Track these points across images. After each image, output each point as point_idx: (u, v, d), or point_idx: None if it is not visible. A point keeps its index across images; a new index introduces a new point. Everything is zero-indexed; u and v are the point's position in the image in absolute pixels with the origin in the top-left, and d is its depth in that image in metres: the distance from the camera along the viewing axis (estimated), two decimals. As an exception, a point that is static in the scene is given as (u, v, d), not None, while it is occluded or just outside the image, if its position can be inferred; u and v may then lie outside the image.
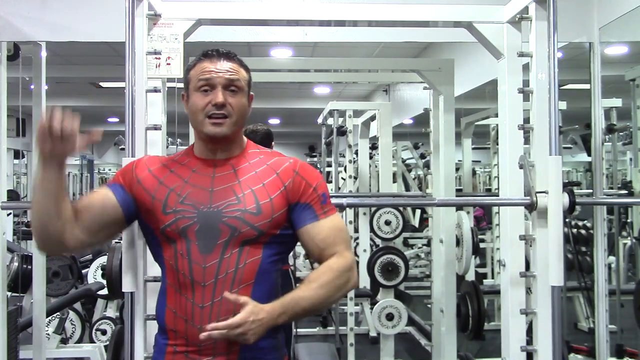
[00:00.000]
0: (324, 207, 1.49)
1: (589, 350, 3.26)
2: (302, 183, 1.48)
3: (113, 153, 15.33)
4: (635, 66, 3.51)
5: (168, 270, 1.46)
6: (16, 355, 2.89)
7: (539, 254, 2.06)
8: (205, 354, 1.41)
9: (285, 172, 1.49)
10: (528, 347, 2.12)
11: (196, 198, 1.45)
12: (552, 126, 2.00)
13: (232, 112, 1.46)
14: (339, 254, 1.46)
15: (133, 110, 1.98)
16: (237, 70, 1.49)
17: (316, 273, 1.44)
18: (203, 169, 1.50)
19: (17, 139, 4.00)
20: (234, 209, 1.43)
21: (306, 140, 10.28)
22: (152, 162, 1.55)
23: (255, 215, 1.43)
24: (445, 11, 2.26)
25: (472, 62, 4.26)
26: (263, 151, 1.56)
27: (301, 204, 1.47)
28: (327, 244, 1.46)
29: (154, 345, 1.53)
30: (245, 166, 1.50)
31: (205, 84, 1.46)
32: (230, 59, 1.50)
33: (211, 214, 1.43)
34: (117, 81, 6.32)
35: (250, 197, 1.44)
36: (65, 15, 2.68)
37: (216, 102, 1.44)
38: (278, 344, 1.50)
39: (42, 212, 1.41)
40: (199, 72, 1.48)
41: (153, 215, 1.46)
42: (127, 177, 1.51)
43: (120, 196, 1.48)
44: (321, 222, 1.47)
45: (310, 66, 4.12)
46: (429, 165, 3.84)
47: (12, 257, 3.71)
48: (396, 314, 4.02)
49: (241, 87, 1.49)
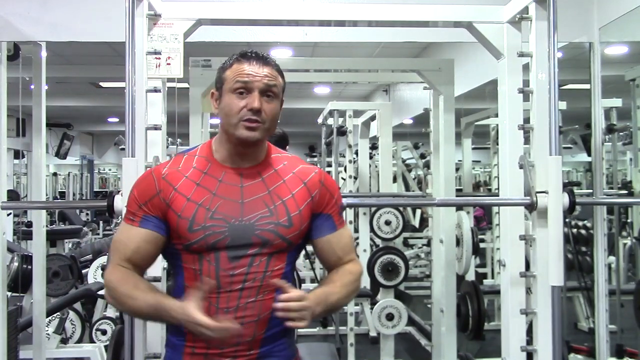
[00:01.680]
0: (340, 219, 1.57)
1: (589, 350, 3.26)
2: (327, 195, 1.53)
3: (113, 153, 15.33)
4: (635, 66, 3.51)
5: (188, 273, 1.44)
6: (16, 355, 2.89)
7: (539, 254, 2.06)
8: (227, 355, 1.41)
9: (312, 183, 1.51)
10: (528, 347, 2.12)
11: (227, 211, 1.42)
12: (552, 126, 2.00)
13: (266, 119, 1.43)
14: (354, 261, 1.57)
15: (133, 110, 1.97)
16: (274, 76, 1.46)
17: (337, 275, 1.52)
18: (230, 178, 1.46)
19: (17, 139, 4.00)
20: (267, 221, 1.43)
21: (306, 140, 10.30)
22: (173, 177, 1.46)
23: (287, 228, 1.45)
24: (445, 11, 2.26)
25: (472, 62, 4.25)
26: (285, 156, 1.56)
27: (324, 215, 1.52)
28: (344, 252, 1.55)
29: (167, 344, 1.51)
30: (272, 174, 1.49)
31: (242, 86, 1.42)
32: (268, 64, 1.47)
33: (243, 227, 1.42)
34: (117, 81, 6.33)
35: (281, 209, 1.45)
36: (65, 15, 2.68)
37: (252, 107, 1.41)
38: (291, 341, 1.53)
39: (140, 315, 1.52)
40: (236, 73, 1.44)
41: (176, 233, 1.43)
42: (155, 205, 1.44)
43: (157, 226, 1.44)
44: (339, 231, 1.55)
45: (310, 66, 4.10)
46: (429, 165, 3.84)
47: (12, 257, 3.71)
48: (396, 314, 4.02)
49: (277, 93, 1.47)
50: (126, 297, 1.40)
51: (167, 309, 1.35)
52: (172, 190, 1.44)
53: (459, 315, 3.63)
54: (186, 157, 1.50)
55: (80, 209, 9.48)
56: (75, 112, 10.10)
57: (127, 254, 1.44)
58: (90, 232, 8.52)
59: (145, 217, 1.44)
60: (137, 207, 1.45)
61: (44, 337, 3.09)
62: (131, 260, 1.44)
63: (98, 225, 9.88)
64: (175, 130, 2.98)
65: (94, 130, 14.04)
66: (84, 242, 7.17)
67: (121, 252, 1.45)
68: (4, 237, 2.69)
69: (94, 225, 9.50)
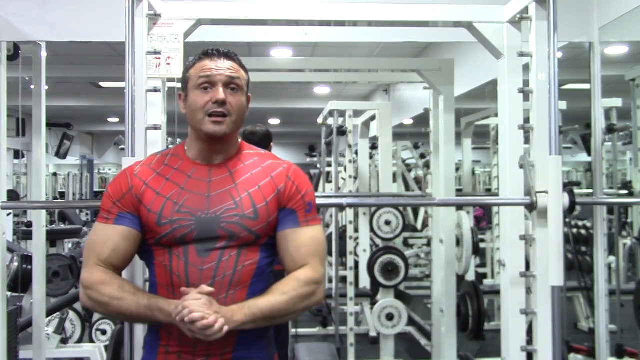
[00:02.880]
0: (308, 216, 1.49)
1: (589, 350, 3.26)
2: (293, 188, 1.49)
3: (113, 153, 15.32)
4: (635, 66, 3.51)
5: (159, 270, 1.45)
6: (16, 355, 2.89)
7: (539, 254, 2.06)
8: (199, 354, 1.41)
9: (279, 176, 1.49)
10: (528, 347, 2.12)
11: (193, 205, 1.43)
12: (552, 126, 2.00)
13: (232, 111, 1.45)
14: (309, 266, 1.45)
15: (133, 110, 1.97)
16: (237, 69, 1.49)
17: (280, 283, 1.44)
18: (199, 173, 1.48)
19: (17, 139, 4.00)
20: (232, 214, 1.43)
21: (306, 140, 10.29)
22: (144, 173, 1.49)
23: (253, 220, 1.43)
24: (445, 11, 2.25)
25: (472, 62, 4.25)
26: (257, 152, 1.56)
27: (287, 209, 1.48)
28: (300, 254, 1.46)
29: (143, 345, 1.53)
30: (241, 168, 1.50)
31: (206, 81, 1.45)
32: (230, 59, 1.49)
33: (209, 219, 1.42)
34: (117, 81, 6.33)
35: (247, 201, 1.44)
36: (65, 15, 2.68)
37: (217, 99, 1.43)
38: (268, 343, 1.51)
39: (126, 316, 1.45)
40: (199, 70, 1.47)
41: (147, 227, 1.45)
42: (128, 201, 1.46)
43: (133, 222, 1.45)
44: (302, 229, 1.48)
45: (310, 66, 4.10)
46: (429, 165, 3.84)
47: (12, 257, 3.71)
48: (396, 314, 4.02)
49: (241, 86, 1.48)
50: (111, 299, 1.39)
51: (160, 308, 1.36)
52: (142, 185, 1.47)
53: (459, 315, 3.63)
54: (159, 155, 1.55)
55: (80, 209, 9.47)
56: (75, 112, 10.09)
57: (104, 254, 1.43)
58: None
59: (120, 214, 1.46)
60: (111, 205, 1.47)
61: (44, 337, 3.09)
62: (108, 260, 1.43)
63: (98, 225, 9.85)
64: (175, 130, 2.98)
65: (94, 130, 14.03)
66: (84, 242, 7.17)
67: (98, 252, 1.44)
68: (4, 237, 2.69)
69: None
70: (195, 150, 1.50)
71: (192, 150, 1.51)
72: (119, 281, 1.42)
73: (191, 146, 1.51)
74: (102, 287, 1.40)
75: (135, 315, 1.40)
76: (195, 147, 1.50)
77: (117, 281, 1.42)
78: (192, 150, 1.51)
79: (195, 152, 1.50)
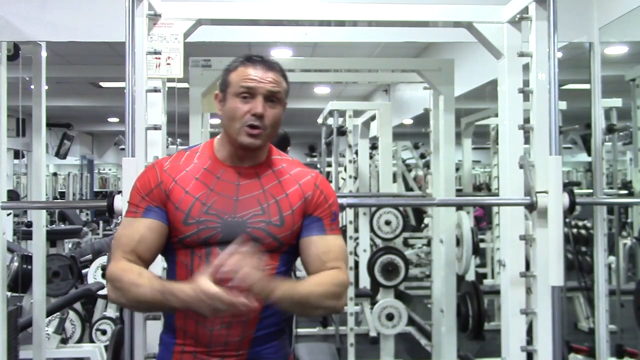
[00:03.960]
0: (332, 225, 1.51)
1: (589, 350, 3.26)
2: (321, 197, 1.51)
3: (113, 153, 15.33)
4: (635, 66, 3.51)
5: (180, 269, 1.45)
6: (16, 355, 2.89)
7: (539, 254, 2.06)
8: (214, 354, 1.42)
9: (307, 184, 1.51)
10: (528, 347, 2.12)
11: (221, 207, 1.43)
12: (552, 126, 2.00)
13: (267, 125, 1.45)
14: (340, 269, 1.47)
15: (133, 110, 1.97)
16: (279, 82, 1.48)
17: (315, 276, 1.44)
18: (228, 175, 1.48)
19: (17, 139, 4.00)
20: (259, 219, 1.44)
21: (306, 140, 10.28)
22: (174, 170, 1.48)
23: (279, 227, 1.44)
24: (445, 11, 2.26)
25: (472, 62, 4.25)
26: (285, 158, 1.57)
27: (313, 217, 1.49)
28: (329, 258, 1.47)
29: (160, 343, 1.53)
30: (269, 174, 1.50)
31: (247, 91, 1.44)
32: (273, 69, 1.48)
33: (235, 223, 1.43)
34: (117, 81, 6.34)
35: (274, 208, 1.45)
36: (65, 15, 2.68)
37: (255, 113, 1.42)
38: (284, 343, 1.52)
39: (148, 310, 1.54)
40: (240, 77, 1.45)
41: (172, 224, 1.44)
42: (156, 195, 1.45)
43: (160, 216, 1.44)
44: (328, 236, 1.49)
45: (310, 66, 4.10)
46: (429, 165, 3.84)
47: (12, 257, 3.71)
48: (396, 314, 4.03)
49: (281, 99, 1.48)
50: (130, 285, 1.36)
51: (174, 292, 1.31)
52: (172, 182, 1.46)
53: (459, 315, 3.63)
54: (188, 153, 1.53)
55: (80, 209, 9.47)
56: (75, 112, 10.09)
57: (131, 245, 1.43)
58: (90, 232, 8.52)
59: (148, 207, 1.45)
60: (139, 199, 1.46)
61: (44, 337, 3.09)
62: (136, 251, 1.43)
63: (98, 225, 9.87)
64: (175, 130, 2.98)
65: (94, 130, 14.03)
66: (84, 242, 7.17)
67: (125, 244, 1.43)
68: (4, 237, 2.69)
69: (94, 225, 9.50)
70: (225, 152, 1.50)
71: (222, 152, 1.51)
72: (139, 269, 1.41)
73: (221, 148, 1.51)
74: (123, 273, 1.38)
75: (150, 302, 1.36)
76: (225, 150, 1.50)
77: (137, 269, 1.40)
78: (222, 152, 1.50)
79: (225, 154, 1.50)
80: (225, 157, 1.50)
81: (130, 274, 1.39)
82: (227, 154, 1.50)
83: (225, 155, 1.50)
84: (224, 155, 1.50)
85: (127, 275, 1.38)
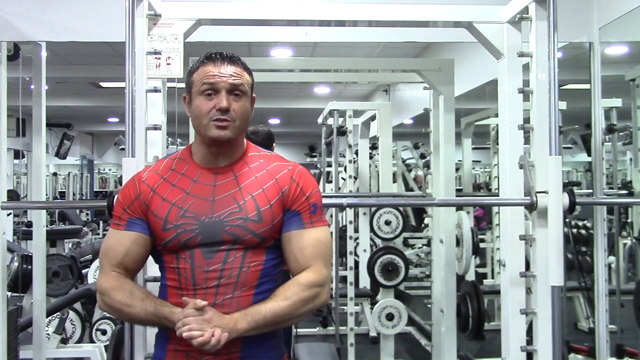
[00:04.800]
0: (312, 217, 1.49)
1: (589, 350, 3.26)
2: (297, 190, 1.49)
3: (113, 153, 15.33)
4: (635, 66, 3.51)
5: (168, 271, 1.48)
6: (16, 355, 2.89)
7: (539, 254, 2.06)
8: (207, 353, 1.42)
9: (283, 178, 1.50)
10: (528, 347, 2.12)
11: (197, 209, 1.44)
12: (552, 126, 2.00)
13: (235, 117, 1.46)
14: (312, 268, 1.45)
15: (133, 110, 1.97)
16: (240, 75, 1.48)
17: (282, 287, 1.45)
18: (204, 177, 1.49)
19: (17, 139, 4.00)
20: (236, 217, 1.44)
21: (306, 140, 10.27)
22: (152, 179, 1.51)
23: (257, 223, 1.44)
24: (445, 11, 2.26)
25: (472, 62, 4.25)
26: (263, 154, 1.56)
27: (292, 211, 1.48)
28: (304, 256, 1.46)
29: (155, 342, 1.54)
30: (246, 171, 1.50)
31: (209, 88, 1.45)
32: (233, 63, 1.48)
33: (213, 223, 1.44)
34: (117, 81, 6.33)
35: (251, 204, 1.45)
36: (65, 15, 2.68)
37: (220, 107, 1.44)
38: (277, 342, 1.52)
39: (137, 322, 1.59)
40: (202, 75, 1.47)
41: (153, 232, 1.48)
42: (136, 207, 1.49)
43: (143, 228, 1.48)
44: (306, 231, 1.48)
45: (310, 66, 4.10)
46: (429, 165, 3.84)
47: (12, 257, 3.71)
48: (396, 314, 4.02)
49: (245, 91, 1.48)
50: (122, 305, 1.43)
51: (167, 316, 1.40)
52: (150, 192, 1.49)
53: (459, 315, 3.63)
54: (167, 160, 1.56)
55: (80, 209, 9.48)
56: (75, 112, 10.09)
57: (117, 259, 1.47)
58: (90, 232, 8.53)
59: (130, 220, 1.49)
60: (122, 211, 1.50)
61: (44, 337, 3.09)
62: (122, 264, 1.47)
63: (98, 225, 9.88)
64: (175, 130, 2.98)
65: (94, 130, 14.03)
66: (84, 242, 7.18)
67: (111, 257, 1.48)
68: (4, 237, 2.69)
69: (94, 225, 9.51)
70: (200, 154, 1.51)
71: (197, 154, 1.52)
72: (130, 287, 1.45)
73: (197, 151, 1.52)
74: (114, 293, 1.43)
75: (144, 321, 1.46)
76: (200, 152, 1.51)
77: (128, 287, 1.45)
78: (198, 154, 1.52)
79: (200, 156, 1.51)
80: (202, 159, 1.51)
81: (120, 293, 1.43)
82: (203, 156, 1.51)
83: (200, 158, 1.51)
84: (200, 158, 1.51)
85: (118, 295, 1.43)
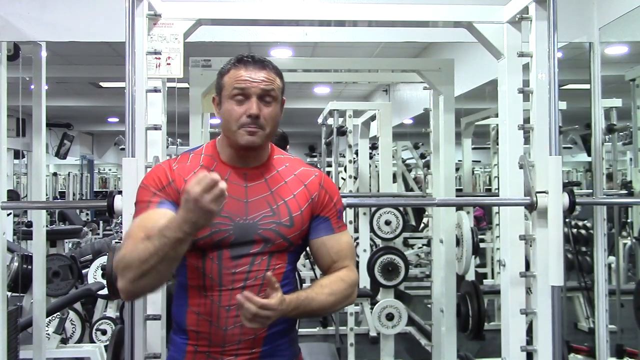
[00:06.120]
0: (339, 222, 1.56)
1: (589, 350, 3.26)
2: (326, 197, 1.54)
3: (113, 153, 15.34)
4: (635, 66, 3.51)
5: (191, 271, 1.45)
6: (16, 355, 2.89)
7: (539, 254, 2.06)
8: (228, 353, 1.43)
9: (312, 185, 1.53)
10: (528, 347, 2.12)
11: (232, 210, 1.43)
12: (552, 126, 2.00)
13: (265, 124, 1.45)
14: (349, 268, 1.53)
15: (133, 110, 1.97)
16: (272, 80, 1.47)
17: (328, 280, 1.49)
18: (235, 177, 1.48)
19: (17, 139, 4.00)
20: (269, 221, 1.45)
21: (306, 140, 10.28)
22: (183, 171, 1.47)
23: (289, 228, 1.47)
24: (445, 11, 2.26)
25: (472, 62, 4.25)
26: (287, 157, 1.58)
27: (321, 217, 1.53)
28: (339, 257, 1.53)
29: (170, 343, 1.53)
30: (275, 175, 1.52)
31: (240, 93, 1.44)
32: (265, 67, 1.47)
33: (247, 225, 1.44)
34: (117, 81, 6.33)
35: (283, 209, 1.47)
36: (65, 15, 2.68)
37: (251, 114, 1.42)
38: (293, 340, 1.56)
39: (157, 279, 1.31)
40: (233, 79, 1.45)
41: None
42: (169, 192, 1.43)
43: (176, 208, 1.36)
44: (336, 235, 1.54)
45: (310, 66, 4.10)
46: (429, 165, 3.84)
47: (12, 257, 3.71)
48: (396, 314, 4.02)
49: (276, 96, 1.47)
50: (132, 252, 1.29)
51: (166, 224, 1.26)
52: (183, 182, 1.43)
53: (459, 315, 3.62)
54: (192, 155, 1.53)
55: (80, 209, 9.48)
56: (75, 112, 10.10)
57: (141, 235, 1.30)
58: (90, 232, 8.52)
59: (162, 201, 1.41)
60: (151, 194, 1.42)
61: (44, 337, 3.09)
62: None
63: (98, 225, 9.88)
64: (175, 130, 2.98)
65: (94, 130, 14.04)
66: (84, 242, 7.18)
67: (135, 234, 1.33)
68: (4, 237, 2.69)
69: (94, 225, 9.51)
70: (227, 154, 1.50)
71: (224, 154, 1.51)
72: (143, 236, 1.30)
73: (223, 150, 1.51)
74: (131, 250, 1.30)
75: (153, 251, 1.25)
76: (227, 152, 1.50)
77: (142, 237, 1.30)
78: (225, 154, 1.51)
79: (227, 156, 1.50)
80: (229, 158, 1.50)
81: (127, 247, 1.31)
82: (230, 156, 1.50)
83: (228, 157, 1.50)
84: (228, 158, 1.50)
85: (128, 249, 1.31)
